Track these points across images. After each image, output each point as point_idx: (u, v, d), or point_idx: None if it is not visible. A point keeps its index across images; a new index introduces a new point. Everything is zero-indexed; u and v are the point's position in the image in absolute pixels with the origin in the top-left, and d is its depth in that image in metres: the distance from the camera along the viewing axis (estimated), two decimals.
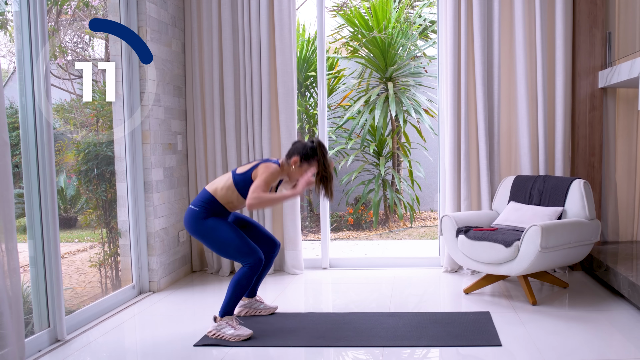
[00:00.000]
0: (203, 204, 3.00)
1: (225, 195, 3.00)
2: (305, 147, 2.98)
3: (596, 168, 4.17)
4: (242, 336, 2.91)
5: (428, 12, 7.01)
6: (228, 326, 2.93)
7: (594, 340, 2.83)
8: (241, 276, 2.96)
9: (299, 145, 3.01)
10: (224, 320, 2.95)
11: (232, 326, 2.94)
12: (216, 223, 2.99)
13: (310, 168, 2.99)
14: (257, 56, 4.25)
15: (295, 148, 3.01)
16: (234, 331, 2.92)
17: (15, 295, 2.44)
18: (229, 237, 2.96)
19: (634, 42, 4.00)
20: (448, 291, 3.89)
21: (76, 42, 3.87)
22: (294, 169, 2.99)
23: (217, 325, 2.94)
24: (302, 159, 2.97)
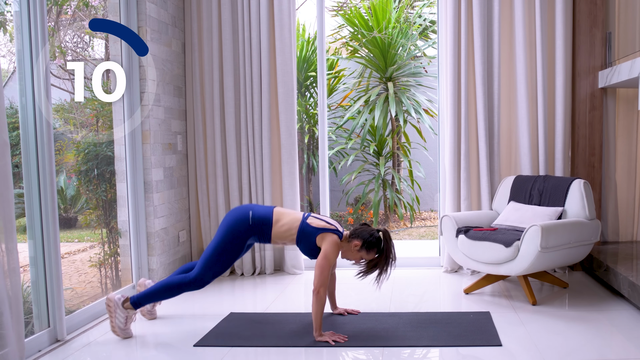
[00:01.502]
0: (258, 223, 2.96)
1: (283, 232, 2.97)
2: (372, 235, 2.92)
3: (596, 168, 4.17)
4: (121, 336, 2.95)
5: (428, 12, 7.01)
6: (124, 319, 2.95)
7: (594, 340, 2.83)
8: (178, 281, 2.95)
9: (366, 230, 2.95)
10: (128, 310, 2.96)
11: (127, 321, 2.96)
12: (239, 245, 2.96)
13: (368, 256, 2.95)
14: (257, 56, 4.25)
15: (361, 232, 2.95)
16: (123, 326, 2.95)
17: (15, 295, 2.44)
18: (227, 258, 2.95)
19: (634, 42, 4.00)
20: (448, 291, 3.88)
21: (76, 42, 3.87)
22: (352, 250, 2.96)
23: (120, 310, 2.94)
24: (363, 246, 2.92)
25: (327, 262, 2.85)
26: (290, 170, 4.32)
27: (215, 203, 4.39)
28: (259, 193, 4.33)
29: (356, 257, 2.97)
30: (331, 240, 2.91)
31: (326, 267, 2.84)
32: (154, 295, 2.99)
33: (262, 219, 2.97)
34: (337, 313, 3.30)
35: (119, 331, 2.95)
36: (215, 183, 4.38)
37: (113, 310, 2.94)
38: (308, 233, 2.94)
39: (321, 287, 2.82)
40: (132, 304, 2.96)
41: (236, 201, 4.36)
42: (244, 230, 2.95)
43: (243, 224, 2.95)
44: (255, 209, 3.01)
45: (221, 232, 2.97)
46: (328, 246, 2.89)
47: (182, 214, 4.37)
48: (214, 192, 4.39)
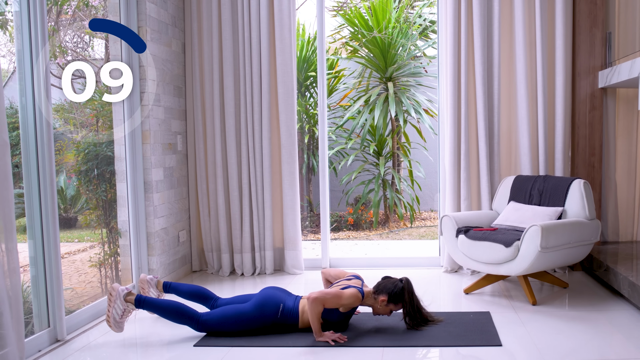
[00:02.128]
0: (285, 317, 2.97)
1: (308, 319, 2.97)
2: (396, 287, 2.95)
3: (596, 168, 4.17)
4: (113, 328, 2.93)
5: (428, 12, 7.01)
6: (122, 311, 2.94)
7: (594, 340, 2.83)
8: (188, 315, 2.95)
9: (389, 284, 2.97)
10: (129, 305, 2.95)
11: (124, 314, 2.96)
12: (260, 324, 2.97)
13: (396, 307, 2.98)
14: (257, 56, 4.25)
15: (385, 286, 2.97)
16: (119, 318, 2.94)
17: (15, 295, 2.44)
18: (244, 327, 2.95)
19: (634, 42, 4.00)
20: (448, 291, 3.88)
21: (76, 42, 3.87)
22: (380, 306, 2.98)
23: (120, 301, 2.94)
24: (390, 300, 2.95)
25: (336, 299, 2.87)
26: (290, 170, 4.32)
27: (215, 203, 4.39)
28: (259, 193, 4.33)
29: (386, 311, 3.01)
30: (352, 289, 2.93)
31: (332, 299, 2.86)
32: (160, 309, 2.98)
33: (289, 313, 2.98)
34: None
35: (113, 322, 2.93)
36: (215, 183, 4.38)
37: (114, 300, 2.93)
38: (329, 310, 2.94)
39: (318, 299, 2.84)
40: (136, 301, 2.95)
41: (236, 201, 4.35)
42: (270, 318, 2.97)
43: (271, 314, 2.96)
44: (286, 303, 3.00)
45: (255, 305, 2.97)
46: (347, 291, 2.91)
47: (182, 214, 4.37)
48: (214, 192, 4.39)
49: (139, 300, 2.96)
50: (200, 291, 3.20)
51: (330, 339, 2.84)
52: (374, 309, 3.03)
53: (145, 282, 3.26)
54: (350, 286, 2.97)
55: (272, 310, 2.96)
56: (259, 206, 4.35)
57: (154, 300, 2.99)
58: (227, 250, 4.39)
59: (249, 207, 4.36)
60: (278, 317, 2.97)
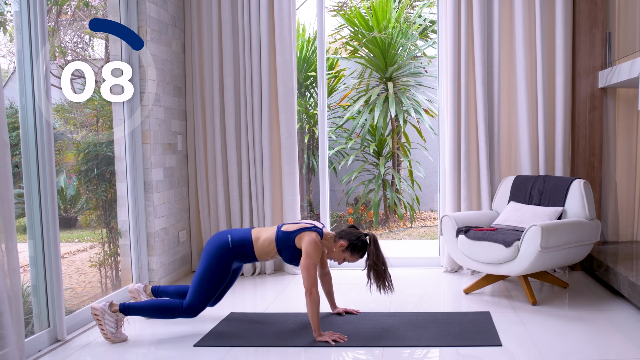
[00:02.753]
0: (239, 245, 2.97)
1: (264, 247, 2.98)
2: (358, 238, 2.93)
3: (596, 168, 4.17)
4: (115, 340, 2.92)
5: (428, 12, 7.01)
6: (114, 322, 2.93)
7: (594, 340, 2.83)
8: (169, 305, 2.96)
9: (353, 233, 2.95)
10: (117, 314, 2.94)
11: (118, 325, 2.95)
12: (224, 269, 2.97)
13: (352, 258, 2.96)
14: (257, 56, 4.25)
15: (348, 233, 2.96)
16: (114, 331, 2.93)
17: (15, 295, 2.44)
18: (213, 284, 2.96)
19: (634, 42, 4.00)
20: (448, 291, 3.89)
21: (76, 42, 3.87)
22: (336, 250, 2.96)
23: (108, 315, 2.92)
24: (348, 247, 2.93)
25: (311, 261, 2.85)
26: (290, 170, 4.32)
27: (215, 203, 4.39)
28: (259, 193, 4.33)
29: (339, 257, 2.98)
30: (309, 238, 2.90)
31: (311, 266, 2.84)
32: (146, 310, 2.99)
33: (241, 241, 2.98)
34: (336, 313, 3.30)
35: (112, 336, 2.93)
36: (215, 183, 4.38)
37: (101, 317, 2.91)
38: (285, 239, 2.95)
39: (312, 287, 2.82)
40: (121, 310, 2.95)
41: (236, 201, 4.36)
42: (226, 255, 2.96)
43: (224, 249, 2.96)
44: (234, 233, 3.02)
45: (204, 260, 2.98)
46: (307, 245, 2.88)
47: (182, 214, 4.37)
48: (214, 192, 4.39)
49: (124, 309, 2.95)
50: (186, 289, 3.20)
51: (331, 339, 2.83)
52: (329, 252, 3.00)
53: (135, 291, 3.26)
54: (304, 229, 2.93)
55: (222, 244, 2.95)
56: (259, 206, 4.35)
57: (138, 304, 2.98)
58: None
59: (249, 207, 4.36)
60: (231, 247, 2.95)
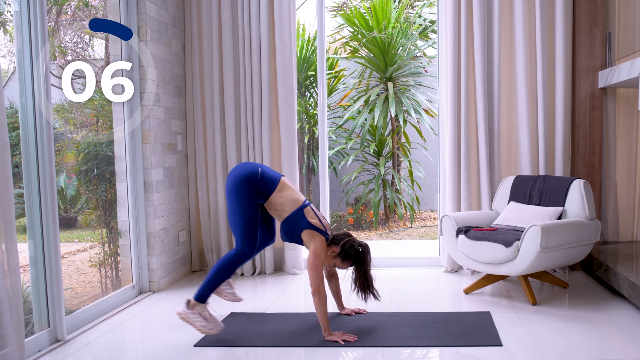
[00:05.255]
0: (264, 182, 2.94)
1: (278, 204, 2.97)
2: (351, 247, 2.93)
3: (596, 168, 4.17)
4: (212, 331, 2.89)
5: (428, 12, 7.01)
6: (200, 316, 2.91)
7: (594, 340, 2.83)
8: (226, 260, 2.94)
9: (347, 241, 2.95)
10: (197, 308, 2.92)
11: (204, 317, 2.91)
12: (252, 198, 2.93)
13: (342, 265, 2.97)
14: (257, 56, 4.25)
15: (342, 240, 2.96)
16: (205, 323, 2.90)
17: (15, 295, 2.44)
18: (248, 215, 2.92)
19: (634, 42, 4.00)
20: (448, 291, 3.89)
21: (76, 42, 3.87)
22: (328, 254, 2.97)
23: (191, 313, 2.91)
24: (340, 254, 2.94)
25: (319, 261, 2.87)
26: (290, 170, 4.32)
27: (215, 203, 4.39)
28: None
29: (330, 262, 3.00)
30: (321, 240, 2.93)
31: (319, 265, 2.86)
32: (211, 282, 2.94)
33: (269, 180, 2.96)
34: (345, 314, 3.30)
35: (207, 329, 2.88)
36: (215, 183, 4.38)
37: (188, 319, 2.90)
38: (299, 222, 2.95)
39: (319, 285, 2.83)
40: (198, 300, 2.92)
41: None
42: (253, 182, 2.93)
43: (252, 176, 2.93)
44: (264, 169, 3.01)
45: (232, 196, 2.94)
46: (318, 246, 2.90)
47: (182, 214, 4.37)
48: (214, 192, 4.39)
49: (200, 297, 2.92)
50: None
51: (341, 339, 2.84)
52: None
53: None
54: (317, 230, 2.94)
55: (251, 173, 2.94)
56: None
57: (204, 284, 2.93)
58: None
59: None
60: (259, 179, 2.94)
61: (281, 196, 2.97)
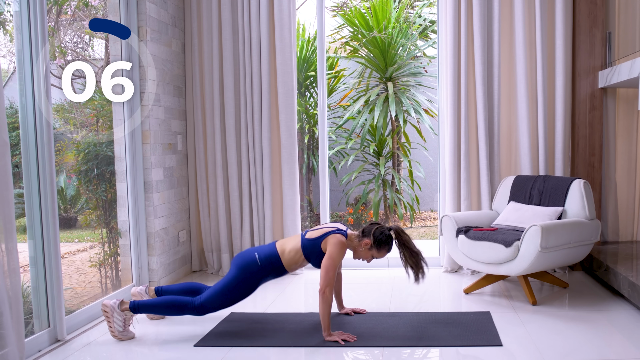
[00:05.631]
0: (267, 262, 2.97)
1: (292, 257, 2.98)
2: (382, 233, 2.93)
3: (596, 168, 4.17)
4: (122, 339, 2.93)
5: (428, 12, 7.01)
6: (122, 321, 2.94)
7: (594, 340, 2.83)
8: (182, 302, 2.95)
9: (377, 229, 2.95)
10: (126, 313, 2.94)
11: (126, 323, 2.95)
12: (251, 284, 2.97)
13: (380, 254, 2.96)
14: (257, 56, 4.25)
15: (371, 230, 2.95)
16: (121, 329, 2.94)
17: (15, 295, 2.44)
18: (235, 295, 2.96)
19: (634, 42, 4.00)
20: (448, 291, 3.88)
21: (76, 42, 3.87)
22: (362, 249, 2.96)
23: (117, 313, 2.92)
24: (374, 244, 2.93)
25: (332, 262, 2.86)
26: (290, 170, 4.32)
27: (215, 203, 4.39)
28: (259, 193, 4.33)
29: (367, 255, 2.98)
30: (334, 240, 2.91)
31: (331, 267, 2.85)
32: (156, 307, 2.98)
33: (268, 257, 2.98)
34: (344, 313, 3.30)
35: (119, 334, 2.94)
36: (215, 183, 4.38)
37: (110, 314, 2.93)
38: (312, 246, 2.95)
39: (327, 287, 2.83)
40: (131, 309, 2.95)
41: (236, 201, 4.35)
42: (255, 271, 2.96)
43: (253, 266, 2.96)
44: (260, 250, 3.02)
45: (234, 271, 2.97)
46: (332, 246, 2.89)
47: (182, 214, 4.37)
48: (214, 192, 4.39)
49: (134, 307, 2.96)
50: (191, 286, 3.21)
51: (340, 339, 2.84)
52: (355, 252, 3.00)
53: (137, 294, 3.24)
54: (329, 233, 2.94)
55: (250, 262, 2.95)
56: (259, 206, 4.35)
57: (148, 301, 2.99)
58: (227, 250, 4.39)
59: (249, 207, 4.36)
60: (260, 265, 2.95)
61: (289, 252, 2.99)
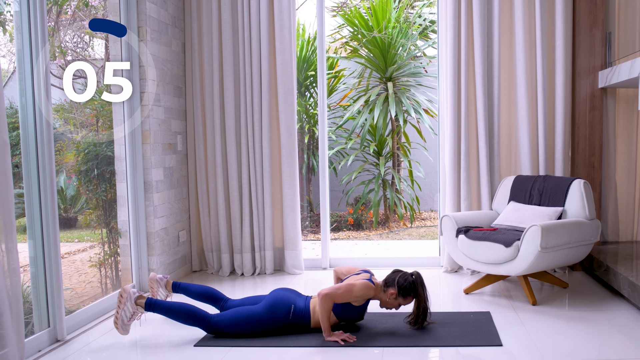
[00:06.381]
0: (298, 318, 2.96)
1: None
2: (406, 281, 2.93)
3: (596, 168, 4.17)
4: (119, 329, 2.90)
5: (428, 12, 7.01)
6: (131, 314, 2.92)
7: (594, 340, 2.83)
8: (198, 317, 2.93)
9: (400, 277, 2.96)
10: (138, 308, 2.93)
11: (133, 317, 2.93)
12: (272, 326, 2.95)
13: (405, 301, 2.97)
14: (257, 56, 4.25)
15: (395, 280, 2.96)
16: (127, 321, 2.92)
17: (15, 295, 2.44)
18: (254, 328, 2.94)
19: (634, 42, 4.00)
20: (448, 291, 3.89)
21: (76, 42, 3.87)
22: (389, 299, 2.97)
23: (130, 303, 2.92)
24: (400, 293, 2.93)
25: (349, 291, 2.87)
26: (290, 170, 4.32)
27: (215, 203, 4.39)
28: (259, 193, 4.33)
29: (395, 304, 2.99)
30: (364, 281, 2.92)
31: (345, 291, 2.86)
32: (171, 312, 2.96)
33: (302, 314, 2.97)
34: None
35: (120, 324, 2.90)
36: (215, 183, 4.38)
37: (124, 301, 2.91)
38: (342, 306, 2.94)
39: (328, 295, 2.84)
40: (147, 304, 2.94)
41: (236, 201, 4.35)
42: (282, 319, 2.95)
43: (284, 315, 2.95)
44: (297, 303, 2.99)
45: (265, 306, 2.95)
46: (360, 283, 2.90)
47: (182, 214, 4.37)
48: (214, 192, 4.39)
49: (149, 304, 2.94)
50: (210, 292, 3.19)
51: (340, 339, 2.84)
52: (382, 302, 3.00)
53: (155, 281, 3.24)
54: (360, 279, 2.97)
55: (283, 312, 2.95)
56: (259, 206, 4.35)
57: (165, 303, 2.97)
58: (227, 250, 4.39)
59: (249, 207, 4.36)
60: (290, 319, 2.96)
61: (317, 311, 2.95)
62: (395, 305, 2.99)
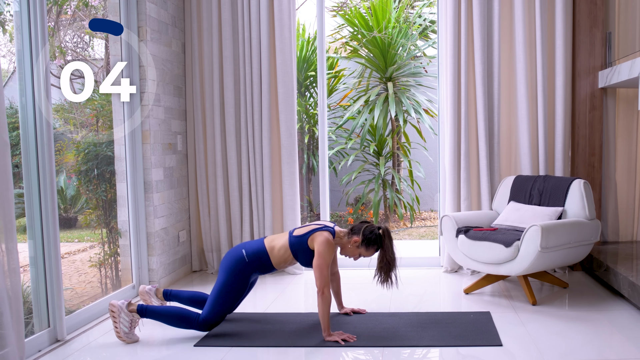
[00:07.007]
0: (255, 258, 2.96)
1: (281, 255, 2.97)
2: (372, 232, 2.92)
3: (596, 168, 4.17)
4: (126, 341, 2.92)
5: (428, 12, 7.01)
6: (129, 323, 2.93)
7: (594, 340, 2.83)
8: (188, 318, 2.94)
9: (366, 227, 2.94)
10: (133, 315, 2.93)
11: (132, 325, 2.94)
12: (242, 283, 2.95)
13: (368, 252, 2.95)
14: (257, 56, 4.25)
15: (361, 228, 2.95)
16: (127, 331, 2.92)
17: (15, 295, 2.44)
18: (231, 298, 2.94)
19: (634, 42, 4.00)
20: (448, 291, 3.89)
21: (76, 42, 3.87)
22: (350, 246, 2.96)
23: (125, 314, 2.92)
24: (363, 242, 2.92)
25: (323, 260, 2.85)
26: (290, 170, 4.32)
27: (215, 203, 4.39)
28: (259, 193, 4.33)
29: (355, 253, 2.97)
30: (321, 238, 2.90)
31: (324, 266, 2.84)
32: (163, 316, 2.96)
33: (257, 253, 2.97)
34: (344, 313, 3.30)
35: (124, 336, 2.92)
36: (215, 183, 4.38)
37: (117, 314, 2.91)
38: (299, 243, 2.94)
39: (324, 286, 2.82)
40: (139, 311, 2.94)
41: (236, 201, 4.35)
42: (242, 268, 2.95)
43: (240, 263, 2.95)
44: (247, 246, 3.01)
45: (222, 275, 2.97)
46: (319, 245, 2.88)
47: (182, 214, 4.37)
48: (214, 192, 4.39)
49: (141, 310, 2.94)
50: (200, 296, 3.19)
51: (340, 339, 2.84)
52: (343, 249, 2.99)
53: (145, 293, 3.24)
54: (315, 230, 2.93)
55: (238, 260, 2.94)
56: (259, 206, 4.35)
57: (156, 308, 2.97)
58: (226, 250, 4.39)
59: (249, 207, 4.36)
60: (248, 262, 2.94)
61: (278, 249, 2.97)
62: (355, 255, 2.97)
